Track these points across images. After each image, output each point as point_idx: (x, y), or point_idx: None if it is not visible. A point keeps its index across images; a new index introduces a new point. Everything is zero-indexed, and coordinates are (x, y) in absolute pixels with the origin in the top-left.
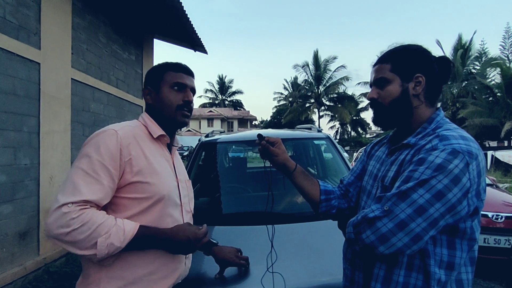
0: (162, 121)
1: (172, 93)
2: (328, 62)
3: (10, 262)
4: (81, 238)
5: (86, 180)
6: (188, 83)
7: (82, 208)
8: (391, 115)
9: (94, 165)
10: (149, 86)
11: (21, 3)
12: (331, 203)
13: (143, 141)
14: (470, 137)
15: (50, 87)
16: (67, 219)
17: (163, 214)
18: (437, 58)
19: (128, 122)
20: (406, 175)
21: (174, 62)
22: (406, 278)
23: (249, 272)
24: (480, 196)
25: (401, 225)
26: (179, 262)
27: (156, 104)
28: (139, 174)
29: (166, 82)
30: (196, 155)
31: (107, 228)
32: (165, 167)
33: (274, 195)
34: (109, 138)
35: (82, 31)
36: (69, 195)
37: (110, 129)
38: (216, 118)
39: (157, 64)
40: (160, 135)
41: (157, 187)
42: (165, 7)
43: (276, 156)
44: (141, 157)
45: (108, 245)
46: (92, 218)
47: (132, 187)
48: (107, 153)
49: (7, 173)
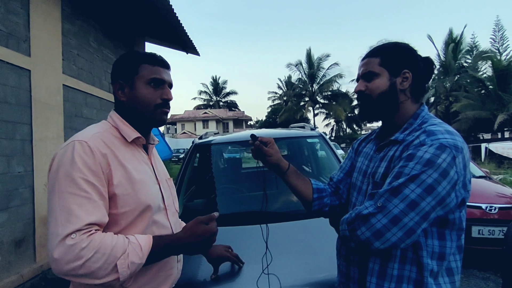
0: (138, 121)
1: (149, 90)
2: (321, 60)
3: (6, 270)
4: (98, 266)
5: (78, 202)
6: (166, 78)
7: (90, 235)
8: (377, 108)
9: (79, 184)
10: (121, 80)
11: (10, 10)
12: (324, 201)
13: (116, 148)
14: (454, 131)
15: (41, 94)
16: (76, 251)
17: (149, 222)
18: (423, 58)
19: (96, 127)
20: (397, 171)
21: (149, 53)
22: (400, 271)
23: (244, 274)
24: (466, 187)
25: (395, 220)
26: (171, 269)
27: (130, 101)
28: (119, 186)
29: (142, 76)
30: (190, 157)
31: (122, 248)
32: (144, 172)
33: (268, 194)
34: (82, 152)
35: (73, 36)
36: (66, 223)
37: (79, 141)
38: (211, 119)
39: (128, 53)
40: (134, 138)
41: (139, 199)
42: (155, 10)
43: (270, 156)
44: (118, 167)
45: (129, 265)
46: (102, 243)
47: (115, 201)
48: (87, 168)
49: (0, 181)
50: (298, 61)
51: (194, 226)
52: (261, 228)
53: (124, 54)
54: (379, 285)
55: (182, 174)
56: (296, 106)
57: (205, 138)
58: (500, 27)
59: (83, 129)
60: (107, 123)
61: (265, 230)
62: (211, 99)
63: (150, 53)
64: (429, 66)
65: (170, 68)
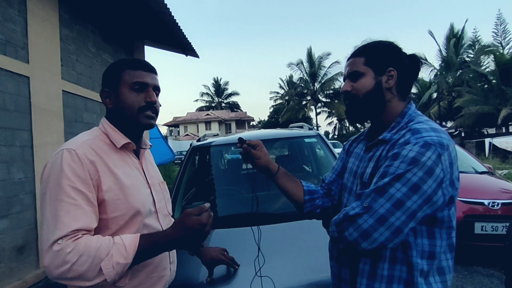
0: (125, 126)
1: (132, 95)
2: (322, 58)
3: (8, 276)
4: (84, 269)
5: (65, 209)
6: (149, 82)
7: (75, 239)
8: (364, 108)
9: (67, 191)
10: (107, 88)
11: (7, 18)
12: (315, 203)
13: (106, 154)
14: (440, 129)
15: (41, 100)
16: (62, 256)
17: (140, 226)
18: (408, 55)
19: (86, 134)
20: (383, 170)
21: (132, 59)
22: (390, 271)
23: (238, 276)
24: (454, 185)
25: (381, 220)
26: (164, 269)
27: (116, 107)
28: (109, 192)
29: (125, 82)
30: (188, 159)
31: (107, 249)
32: (134, 177)
33: (261, 196)
34: (71, 160)
35: (71, 42)
36: (55, 230)
37: (68, 149)
38: (214, 120)
39: (114, 62)
40: (124, 144)
41: (129, 203)
42: (153, 13)
43: (258, 158)
44: (107, 173)
45: (113, 265)
46: (87, 246)
47: (104, 207)
48: (75, 176)
49: (1, 188)
50: (299, 60)
51: (182, 219)
52: (252, 231)
53: (111, 63)
54: (369, 286)
55: (180, 176)
56: (298, 105)
57: (203, 140)
58: (502, 21)
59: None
60: (98, 129)
61: (256, 232)
62: (213, 100)
63: (133, 59)
64: (415, 63)
65: (155, 71)
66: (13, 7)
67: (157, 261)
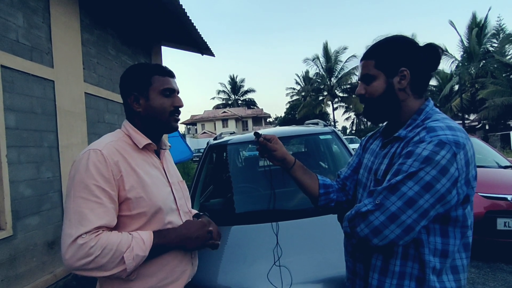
0: (154, 128)
1: (163, 100)
2: (338, 53)
3: (41, 270)
4: (105, 261)
5: (90, 207)
6: (175, 87)
7: (97, 235)
8: (380, 110)
9: (92, 190)
10: (135, 92)
11: (32, 25)
12: (330, 197)
13: (129, 154)
14: (457, 127)
15: (65, 103)
16: (86, 250)
17: (163, 223)
18: (423, 47)
19: (110, 136)
20: (396, 168)
21: (158, 65)
22: (402, 268)
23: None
24: (470, 184)
25: (392, 217)
26: (187, 264)
27: (147, 111)
28: (132, 190)
29: (155, 88)
30: (205, 158)
31: (127, 243)
32: (155, 176)
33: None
34: (96, 160)
35: (92, 46)
36: (79, 226)
37: (94, 149)
38: (231, 118)
39: (137, 66)
40: (145, 145)
41: (151, 200)
42: (168, 15)
43: (275, 151)
44: (130, 172)
45: (134, 257)
46: (109, 240)
47: (127, 205)
48: (99, 175)
49: (32, 187)
50: (315, 55)
51: (191, 221)
52: (271, 226)
53: (133, 67)
54: (381, 281)
55: (198, 174)
56: (315, 101)
57: (219, 138)
58: None
59: (100, 137)
60: (120, 131)
61: (275, 227)
62: (230, 98)
63: (159, 65)
64: (433, 54)
65: (175, 77)
66: (38, 14)
67: (180, 256)
